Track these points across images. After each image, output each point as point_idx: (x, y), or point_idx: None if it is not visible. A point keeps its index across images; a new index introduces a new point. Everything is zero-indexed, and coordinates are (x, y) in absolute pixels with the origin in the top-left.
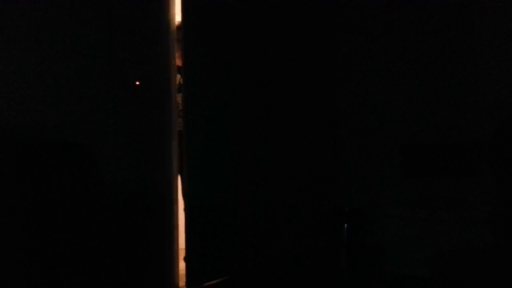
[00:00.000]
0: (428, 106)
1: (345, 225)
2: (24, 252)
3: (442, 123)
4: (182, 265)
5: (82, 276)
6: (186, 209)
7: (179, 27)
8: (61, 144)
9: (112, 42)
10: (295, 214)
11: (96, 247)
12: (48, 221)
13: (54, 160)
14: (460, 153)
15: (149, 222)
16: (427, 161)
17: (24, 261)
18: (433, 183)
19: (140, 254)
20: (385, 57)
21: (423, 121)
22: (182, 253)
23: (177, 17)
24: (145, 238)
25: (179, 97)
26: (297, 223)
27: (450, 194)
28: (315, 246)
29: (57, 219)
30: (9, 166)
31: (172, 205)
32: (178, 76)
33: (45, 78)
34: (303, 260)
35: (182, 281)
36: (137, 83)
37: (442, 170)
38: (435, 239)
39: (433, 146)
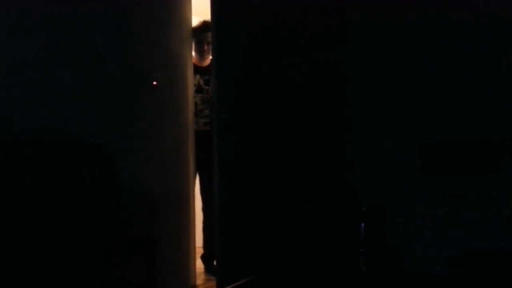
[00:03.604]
0: (447, 103)
1: (362, 224)
2: (48, 249)
3: (462, 120)
4: (198, 263)
5: (96, 274)
6: (204, 209)
7: (195, 28)
8: (82, 145)
9: (129, 43)
10: (313, 214)
11: (115, 246)
12: (67, 221)
13: (78, 160)
14: (482, 150)
15: (166, 220)
16: (446, 158)
17: (47, 258)
18: (453, 181)
19: (157, 252)
20: (402, 53)
21: (441, 117)
22: (199, 251)
23: (194, 19)
24: (162, 236)
25: (197, 98)
26: (314, 223)
27: (471, 192)
28: (333, 246)
29: (75, 219)
30: (32, 167)
31: (189, 204)
32: (197, 76)
33: (64, 80)
34: (321, 260)
35: (199, 279)
36: (155, 83)
37: (462, 167)
38: (456, 237)
39: (452, 143)
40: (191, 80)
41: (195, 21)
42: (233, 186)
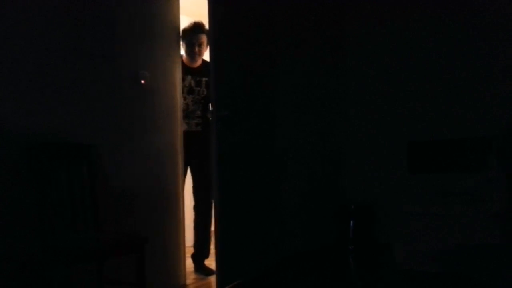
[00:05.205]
0: (435, 102)
1: (351, 222)
2: (35, 249)
3: (449, 118)
4: (188, 262)
5: (85, 274)
6: (195, 207)
7: (185, 30)
8: (70, 145)
9: (117, 44)
10: (302, 212)
11: (103, 246)
12: (55, 221)
13: (66, 160)
14: (469, 148)
15: (155, 220)
16: (434, 156)
17: (34, 258)
18: (441, 179)
19: (146, 252)
20: (390, 53)
21: (429, 116)
22: (189, 251)
23: (182, 18)
24: (151, 236)
25: (189, 99)
26: (304, 221)
27: (460, 190)
28: (322, 244)
29: (63, 219)
30: (20, 166)
31: (177, 204)
32: (189, 77)
33: (52, 81)
34: (312, 258)
35: (189, 279)
36: (142, 81)
37: (449, 165)
38: (445, 234)
39: (439, 141)
40: (179, 80)
41: (184, 20)
42: (230, 183)
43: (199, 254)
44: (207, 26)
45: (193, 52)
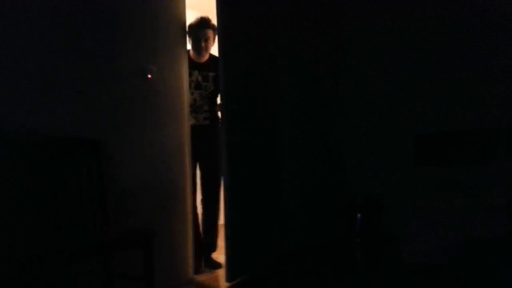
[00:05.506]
0: (441, 94)
1: (359, 215)
2: (44, 245)
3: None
4: None
5: (93, 269)
6: (203, 201)
7: (192, 25)
8: (77, 140)
9: (122, 39)
10: (310, 205)
11: (111, 240)
12: (63, 216)
13: (74, 155)
14: (475, 141)
15: (163, 214)
16: (440, 149)
17: (43, 254)
18: (448, 172)
19: (154, 246)
20: (396, 46)
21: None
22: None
23: (188, 12)
24: (159, 230)
25: (196, 94)
26: (311, 214)
27: (463, 183)
28: (330, 236)
29: (71, 214)
30: (28, 162)
31: (185, 198)
32: (196, 72)
33: (59, 78)
34: (318, 251)
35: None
36: (149, 76)
37: (456, 158)
38: (451, 227)
39: (446, 134)
40: (186, 75)
41: (190, 14)
42: (239, 177)
43: (207, 248)
44: (213, 21)
45: (199, 47)
